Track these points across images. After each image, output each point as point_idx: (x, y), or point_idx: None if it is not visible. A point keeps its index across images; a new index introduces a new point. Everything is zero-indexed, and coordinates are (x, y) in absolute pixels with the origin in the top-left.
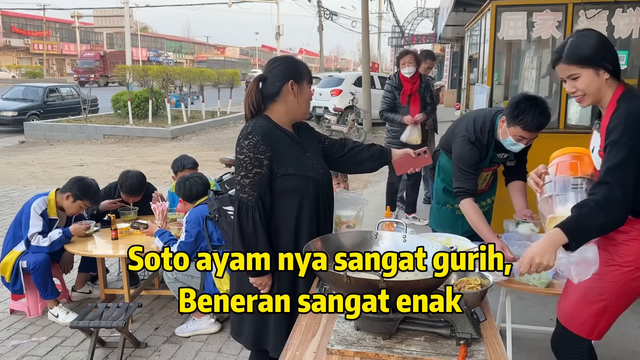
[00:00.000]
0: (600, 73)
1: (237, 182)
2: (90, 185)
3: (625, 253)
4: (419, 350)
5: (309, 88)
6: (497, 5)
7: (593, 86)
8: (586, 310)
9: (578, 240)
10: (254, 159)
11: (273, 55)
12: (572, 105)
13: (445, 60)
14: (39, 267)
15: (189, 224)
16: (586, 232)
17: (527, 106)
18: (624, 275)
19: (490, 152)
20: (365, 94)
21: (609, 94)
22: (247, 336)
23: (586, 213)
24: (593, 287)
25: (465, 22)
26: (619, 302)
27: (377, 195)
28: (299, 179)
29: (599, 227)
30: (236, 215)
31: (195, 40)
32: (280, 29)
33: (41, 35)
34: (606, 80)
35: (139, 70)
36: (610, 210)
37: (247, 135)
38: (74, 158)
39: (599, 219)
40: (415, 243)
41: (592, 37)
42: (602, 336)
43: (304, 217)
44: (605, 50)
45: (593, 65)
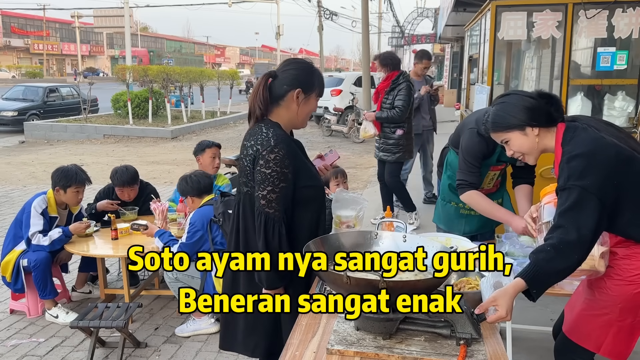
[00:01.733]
0: (528, 131)
1: (263, 196)
2: (68, 170)
3: (628, 267)
4: (419, 350)
5: (315, 102)
6: (497, 5)
7: (525, 146)
8: (590, 323)
9: (539, 287)
10: (281, 174)
11: (273, 56)
12: (572, 105)
13: (445, 60)
14: (39, 265)
15: (192, 225)
16: (545, 277)
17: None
18: (628, 289)
19: (498, 148)
20: (365, 94)
21: (551, 141)
22: (256, 346)
23: (542, 258)
24: (597, 300)
25: (465, 22)
26: (624, 316)
27: (377, 195)
28: (315, 189)
29: (557, 271)
30: (261, 230)
31: (195, 40)
32: (280, 29)
33: (41, 35)
34: (538, 135)
35: (139, 70)
36: (566, 253)
37: (272, 149)
38: (74, 158)
39: (555, 262)
40: (415, 243)
41: (511, 101)
42: (620, 356)
43: (321, 223)
44: (526, 109)
45: (516, 128)
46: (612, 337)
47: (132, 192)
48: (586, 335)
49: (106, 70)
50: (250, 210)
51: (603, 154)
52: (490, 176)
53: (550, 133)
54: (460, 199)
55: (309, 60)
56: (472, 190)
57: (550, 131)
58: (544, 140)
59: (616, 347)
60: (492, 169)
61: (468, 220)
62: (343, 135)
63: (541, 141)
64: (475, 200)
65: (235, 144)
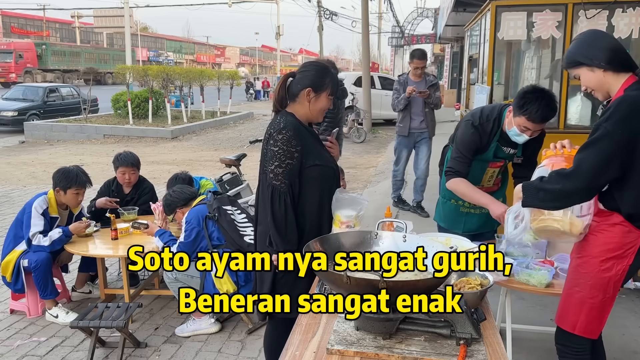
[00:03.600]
0: (595, 69)
1: (271, 170)
2: (69, 171)
3: (594, 244)
4: (419, 350)
5: (326, 100)
6: (497, 5)
7: (592, 82)
8: (568, 304)
9: (527, 195)
10: (287, 152)
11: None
12: (572, 105)
13: (445, 60)
14: (40, 266)
15: (188, 224)
16: (534, 190)
17: (534, 97)
18: (595, 266)
19: (493, 143)
20: (365, 94)
21: (615, 85)
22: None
23: (543, 179)
24: (570, 280)
25: (465, 22)
26: (595, 293)
27: (377, 195)
28: (324, 169)
29: (545, 190)
30: (269, 199)
31: (195, 40)
32: (280, 29)
33: (41, 35)
34: (604, 75)
35: (139, 70)
36: (556, 179)
37: (280, 130)
38: (74, 158)
39: (546, 183)
40: (415, 243)
41: (581, 38)
42: (592, 333)
43: (325, 200)
44: (592, 48)
45: (583, 64)
46: (585, 315)
47: (134, 175)
48: (565, 318)
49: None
50: (264, 186)
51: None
52: (489, 173)
53: (617, 79)
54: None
55: (328, 62)
56: (457, 177)
57: (617, 77)
58: (610, 82)
59: (589, 324)
60: (490, 165)
61: (468, 218)
62: (343, 135)
63: (607, 82)
64: (458, 186)
65: (235, 144)
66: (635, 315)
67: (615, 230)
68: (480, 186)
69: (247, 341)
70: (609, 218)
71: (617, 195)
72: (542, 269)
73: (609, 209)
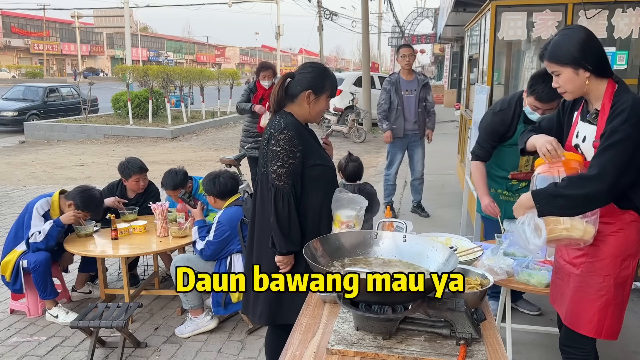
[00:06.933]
0: (580, 72)
1: (273, 171)
2: (93, 198)
3: (614, 244)
4: (419, 350)
5: (326, 102)
6: (497, 5)
7: (572, 84)
8: (589, 309)
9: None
10: (289, 152)
11: (273, 56)
12: None
13: (445, 60)
14: (39, 266)
15: (221, 224)
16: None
17: (541, 79)
18: (617, 266)
19: (520, 125)
20: (365, 94)
21: (596, 90)
22: (261, 314)
23: (558, 184)
24: (591, 285)
25: (465, 22)
26: (617, 294)
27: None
28: (325, 169)
29: (564, 195)
30: (272, 200)
31: (195, 40)
32: (280, 29)
33: (41, 35)
34: (587, 79)
35: (139, 70)
36: (579, 183)
37: (282, 130)
38: (74, 158)
39: (566, 188)
40: (415, 243)
41: (575, 36)
42: (615, 335)
43: (326, 199)
44: (585, 50)
45: (571, 65)
46: (609, 319)
47: (145, 180)
48: (587, 323)
49: (106, 70)
50: (265, 186)
51: None
52: (525, 158)
53: (598, 84)
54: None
55: (324, 64)
56: (479, 161)
57: (598, 82)
58: (591, 86)
59: (614, 326)
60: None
61: (508, 205)
62: (343, 135)
63: (587, 85)
64: (473, 169)
65: (235, 144)
66: (635, 315)
67: (632, 228)
68: (518, 171)
69: (247, 341)
70: (622, 217)
71: (630, 193)
72: (542, 269)
73: (623, 208)
